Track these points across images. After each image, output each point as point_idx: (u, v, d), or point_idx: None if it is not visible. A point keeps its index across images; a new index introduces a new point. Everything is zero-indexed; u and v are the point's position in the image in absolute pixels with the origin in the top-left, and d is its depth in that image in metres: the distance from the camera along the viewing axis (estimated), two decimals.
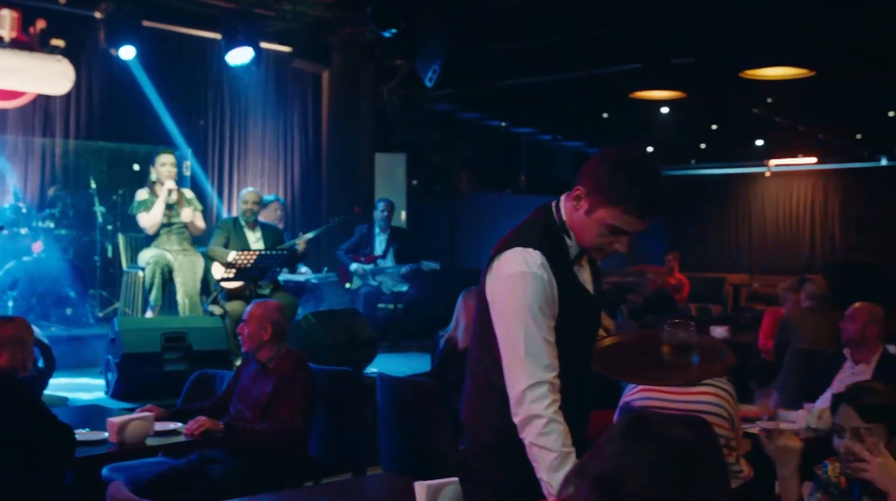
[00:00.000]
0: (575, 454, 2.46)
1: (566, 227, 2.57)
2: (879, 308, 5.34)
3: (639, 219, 2.47)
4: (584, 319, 2.65)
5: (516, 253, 2.54)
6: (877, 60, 8.60)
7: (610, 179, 2.45)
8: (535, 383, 2.46)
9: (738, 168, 17.39)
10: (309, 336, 6.77)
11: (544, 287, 2.50)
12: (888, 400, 2.55)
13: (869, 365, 5.12)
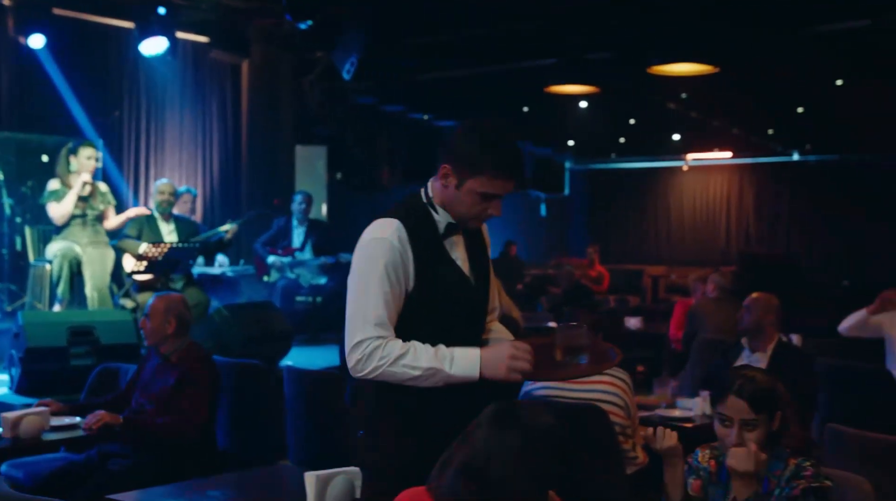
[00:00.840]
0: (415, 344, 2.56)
1: (433, 204, 2.69)
2: (775, 298, 5.52)
3: (505, 180, 2.61)
4: (455, 294, 2.71)
5: (375, 224, 2.67)
6: (782, 57, 8.87)
7: (471, 151, 2.59)
8: (370, 337, 2.54)
9: (656, 162, 17.71)
10: (221, 329, 6.73)
11: (395, 254, 2.59)
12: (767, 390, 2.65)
13: (765, 354, 5.29)
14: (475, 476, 1.88)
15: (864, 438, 3.53)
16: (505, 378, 2.53)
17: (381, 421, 2.69)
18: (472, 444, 1.94)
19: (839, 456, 3.59)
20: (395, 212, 2.69)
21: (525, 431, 1.93)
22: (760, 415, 2.62)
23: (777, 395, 2.67)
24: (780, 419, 2.64)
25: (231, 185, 11.18)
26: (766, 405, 2.63)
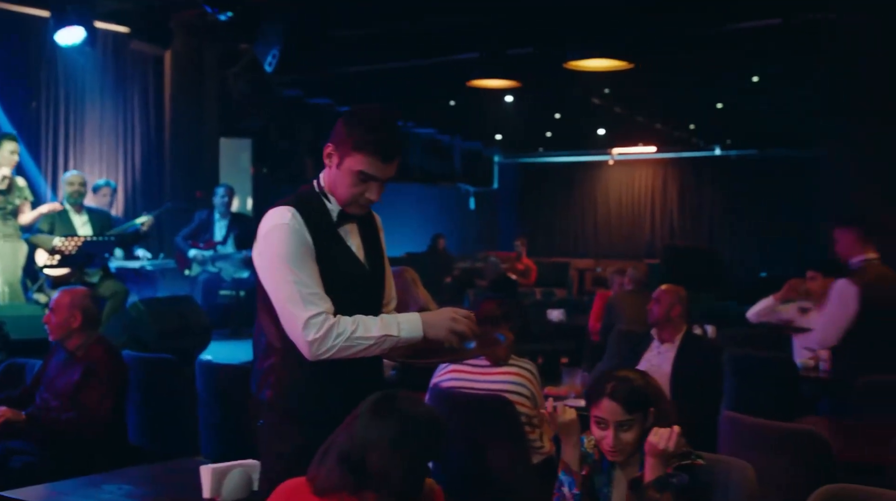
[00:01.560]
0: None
1: (325, 192, 2.75)
2: (683, 290, 5.64)
3: (381, 161, 2.67)
4: (350, 281, 2.76)
5: (270, 213, 2.72)
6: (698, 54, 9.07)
7: (350, 130, 2.67)
8: (321, 312, 2.58)
9: (583, 156, 17.92)
10: (137, 323, 6.67)
11: (299, 237, 2.65)
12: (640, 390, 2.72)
13: (673, 344, 5.41)
14: (353, 465, 1.91)
15: (757, 425, 3.65)
16: (445, 338, 2.62)
17: (280, 411, 2.72)
18: (351, 434, 1.97)
19: (735, 443, 3.72)
20: (289, 200, 2.75)
21: (402, 420, 1.97)
22: (635, 415, 2.69)
23: (650, 393, 2.74)
24: (653, 414, 2.71)
25: (153, 178, 11.03)
26: (639, 405, 2.70)
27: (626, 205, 17.91)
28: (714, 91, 11.63)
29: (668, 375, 5.29)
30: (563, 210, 18.75)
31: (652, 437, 2.61)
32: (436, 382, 4.25)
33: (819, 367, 6.10)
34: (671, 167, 17.40)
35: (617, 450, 2.69)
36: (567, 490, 2.77)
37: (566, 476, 2.78)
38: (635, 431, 2.68)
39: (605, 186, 18.21)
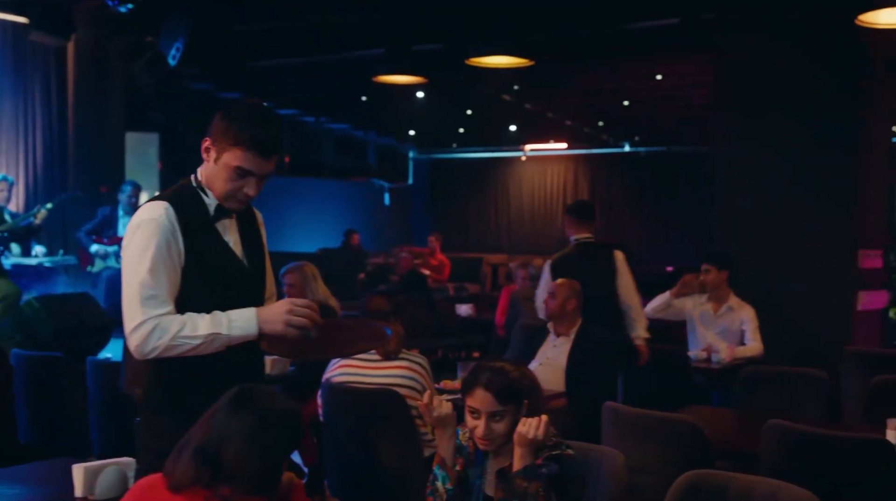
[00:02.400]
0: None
1: (202, 186, 2.74)
2: (578, 284, 5.74)
3: (260, 156, 2.67)
4: (228, 276, 2.77)
5: (144, 207, 2.71)
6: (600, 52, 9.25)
7: (229, 124, 2.66)
8: (148, 318, 2.57)
9: (496, 152, 18.07)
10: (31, 321, 6.51)
11: (165, 234, 2.63)
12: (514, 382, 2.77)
13: (569, 338, 5.52)
14: (209, 459, 1.92)
15: (635, 414, 3.75)
16: (283, 332, 2.60)
17: (152, 408, 2.72)
18: (207, 428, 1.98)
19: (616, 432, 3.82)
20: (165, 195, 2.75)
21: (260, 414, 1.98)
22: (507, 406, 2.72)
23: (524, 385, 2.79)
24: (527, 407, 2.76)
25: (56, 173, 10.75)
26: (512, 397, 2.74)
27: (538, 201, 18.12)
28: (620, 89, 11.85)
29: (563, 368, 5.42)
30: (476, 205, 18.88)
31: (520, 427, 2.66)
32: (327, 377, 4.27)
33: (711, 359, 6.29)
34: (582, 163, 17.67)
35: (488, 440, 2.73)
36: (440, 485, 2.81)
37: (440, 471, 2.82)
38: (507, 422, 2.72)
39: (517, 182, 18.39)
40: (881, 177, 7.41)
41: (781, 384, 4.83)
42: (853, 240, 6.86)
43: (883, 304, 7.45)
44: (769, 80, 7.08)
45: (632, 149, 16.75)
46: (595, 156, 17.37)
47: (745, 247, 7.13)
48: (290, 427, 2.03)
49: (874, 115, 7.17)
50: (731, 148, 7.32)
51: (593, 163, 17.57)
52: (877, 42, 6.54)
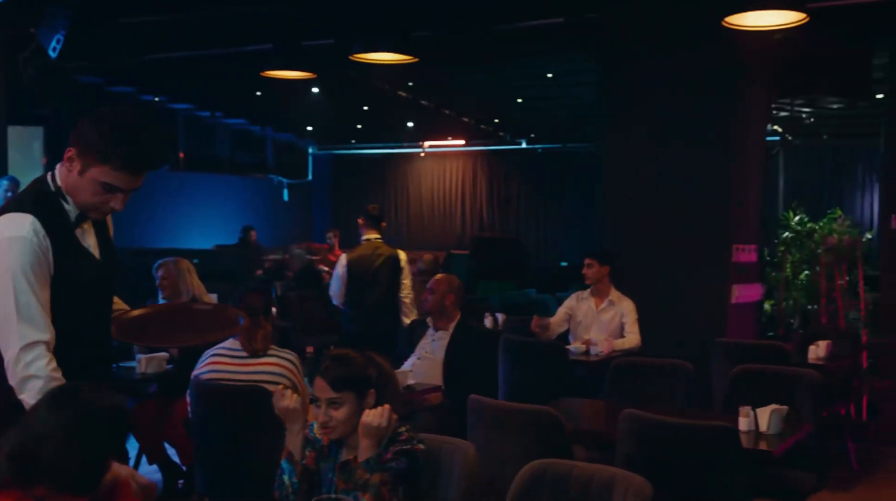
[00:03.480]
0: None
1: (62, 192, 2.66)
2: (457, 279, 5.82)
3: (129, 174, 2.61)
4: (91, 279, 2.74)
5: (7, 220, 2.60)
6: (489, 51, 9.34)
7: (99, 138, 2.56)
8: (29, 344, 2.51)
9: (395, 148, 18.09)
10: None
11: (35, 249, 2.56)
12: (356, 370, 2.81)
13: (447, 332, 5.59)
14: (26, 458, 1.89)
15: (497, 407, 3.83)
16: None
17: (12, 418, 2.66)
18: (27, 427, 1.95)
19: (481, 424, 3.89)
20: (24, 203, 2.65)
21: (80, 411, 1.96)
22: (343, 394, 2.76)
23: (370, 374, 2.82)
24: (373, 396, 2.79)
25: None
26: (350, 384, 2.77)
27: (437, 197, 18.21)
28: (513, 86, 11.99)
29: (442, 362, 5.48)
30: (377, 201, 18.83)
31: (364, 417, 2.70)
32: (196, 374, 4.23)
33: (590, 351, 6.44)
34: (481, 159, 17.82)
35: (328, 428, 2.76)
36: (287, 479, 2.82)
37: (287, 465, 2.84)
38: (346, 410, 2.75)
39: (417, 178, 18.45)
40: (756, 174, 7.67)
41: (649, 375, 4.97)
42: (727, 236, 7.09)
43: (758, 297, 7.72)
44: (649, 80, 7.28)
45: (529, 146, 16.96)
46: (493, 152, 17.53)
47: (627, 243, 7.32)
48: (112, 425, 2.01)
49: (749, 115, 7.42)
50: (615, 145, 7.50)
51: (491, 159, 17.73)
52: (749, 43, 6.77)
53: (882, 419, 7.71)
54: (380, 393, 2.81)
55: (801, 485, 4.28)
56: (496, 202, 17.69)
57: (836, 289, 7.86)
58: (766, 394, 4.57)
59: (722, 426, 3.40)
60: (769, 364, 5.19)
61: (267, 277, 13.52)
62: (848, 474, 6.59)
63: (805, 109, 8.58)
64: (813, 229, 7.97)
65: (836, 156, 14.79)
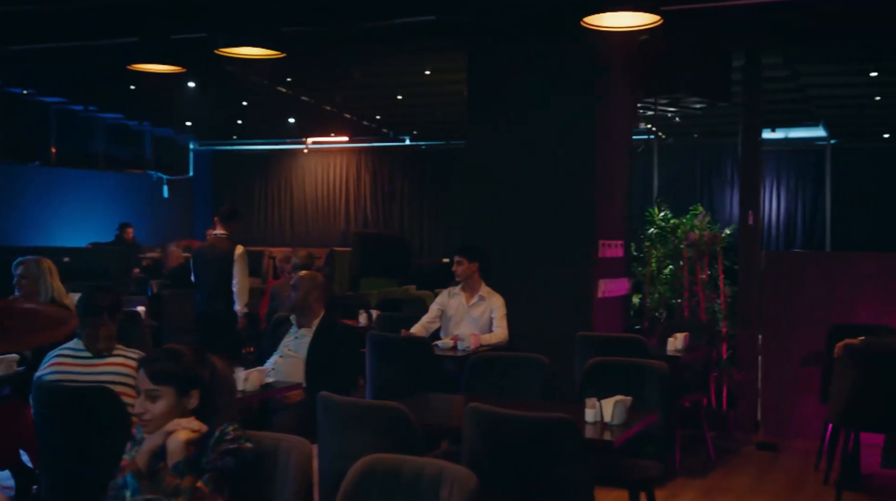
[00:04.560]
0: None
1: None
2: (321, 276, 5.81)
3: None
4: None
5: None
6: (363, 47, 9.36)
7: None
8: None
9: (277, 144, 17.90)
10: None
11: None
12: (182, 367, 2.79)
13: (311, 329, 5.57)
14: None
15: (346, 403, 3.84)
16: None
17: None
18: None
19: (331, 422, 3.89)
20: None
21: None
22: (162, 388, 2.76)
23: (192, 373, 2.81)
24: (197, 397, 2.79)
25: None
26: (170, 380, 2.77)
27: (321, 194, 18.08)
28: (392, 83, 11.99)
29: (304, 359, 5.46)
30: (260, 198, 18.64)
31: (169, 424, 2.72)
32: (38, 375, 4.11)
33: (457, 347, 6.50)
34: (364, 156, 17.77)
35: (143, 420, 2.76)
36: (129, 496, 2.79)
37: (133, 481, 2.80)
38: (163, 404, 2.76)
39: (300, 175, 18.28)
40: (621, 171, 7.87)
41: (507, 369, 5.05)
42: (592, 231, 7.25)
43: (624, 291, 7.92)
44: (513, 78, 7.39)
45: (412, 143, 17.01)
46: (377, 149, 17.52)
47: (495, 239, 7.41)
48: None
49: (613, 113, 7.61)
50: (482, 143, 7.58)
51: (375, 155, 17.71)
52: (612, 43, 6.94)
53: (740, 408, 8.03)
54: (207, 396, 2.80)
55: (646, 473, 4.42)
56: (380, 199, 17.68)
57: (697, 283, 8.13)
58: (619, 386, 4.71)
59: (561, 418, 3.48)
60: (629, 356, 5.33)
61: (146, 275, 13.23)
62: (705, 461, 6.84)
63: (670, 109, 8.84)
64: (676, 225, 8.23)
65: (706, 154, 15.31)
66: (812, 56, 9.20)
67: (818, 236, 15.03)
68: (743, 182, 8.15)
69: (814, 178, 15.24)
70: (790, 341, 7.70)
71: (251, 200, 18.62)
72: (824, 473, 6.34)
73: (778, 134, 14.30)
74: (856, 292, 7.57)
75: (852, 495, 5.90)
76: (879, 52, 9.02)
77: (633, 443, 4.67)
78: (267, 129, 16.54)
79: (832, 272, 7.69)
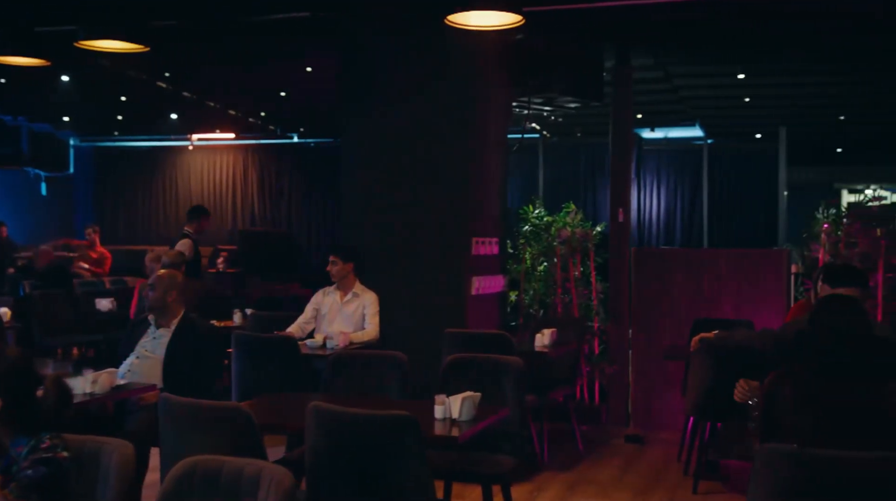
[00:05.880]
0: None
1: None
2: (180, 275, 5.70)
3: None
4: None
5: None
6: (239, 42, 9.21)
7: None
8: None
9: (162, 141, 17.50)
10: None
11: None
12: None
13: (169, 330, 5.45)
14: None
15: (187, 404, 3.76)
16: None
17: None
18: None
19: (172, 423, 3.81)
20: None
21: None
22: None
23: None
24: None
25: None
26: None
27: (208, 191, 17.74)
28: (274, 79, 11.82)
29: (162, 360, 5.35)
30: (144, 196, 18.18)
31: None
32: None
33: (326, 345, 6.47)
34: (252, 153, 17.51)
35: None
36: None
37: None
38: None
39: (186, 172, 17.89)
40: (497, 169, 7.94)
41: (366, 367, 5.04)
42: (466, 229, 7.30)
43: (500, 288, 7.99)
44: (389, 76, 7.38)
45: (301, 141, 16.85)
46: (265, 146, 17.28)
47: (370, 236, 7.40)
48: None
49: (489, 111, 7.67)
50: (357, 140, 7.55)
51: (263, 153, 17.47)
52: (488, 41, 6.99)
53: (612, 402, 8.20)
54: (15, 405, 2.72)
55: (499, 468, 4.46)
56: (268, 197, 17.46)
57: (570, 280, 8.27)
58: (477, 382, 4.76)
59: (400, 415, 3.48)
60: (496, 353, 5.36)
61: (21, 275, 12.81)
62: (573, 454, 6.96)
63: (546, 108, 8.96)
64: (550, 222, 8.34)
65: (589, 153, 15.59)
66: (681, 57, 9.45)
67: (696, 234, 15.47)
68: (613, 180, 8.32)
69: (692, 177, 15.67)
70: (658, 335, 7.90)
71: (136, 198, 18.16)
72: (685, 464, 6.53)
73: (657, 133, 14.66)
74: (720, 287, 7.81)
75: (709, 484, 6.08)
76: (746, 54, 9.33)
77: (490, 439, 4.73)
78: (149, 125, 16.13)
79: (697, 268, 7.92)
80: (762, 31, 8.15)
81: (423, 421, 4.02)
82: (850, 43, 8.57)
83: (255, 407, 4.06)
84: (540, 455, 6.65)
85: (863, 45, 8.67)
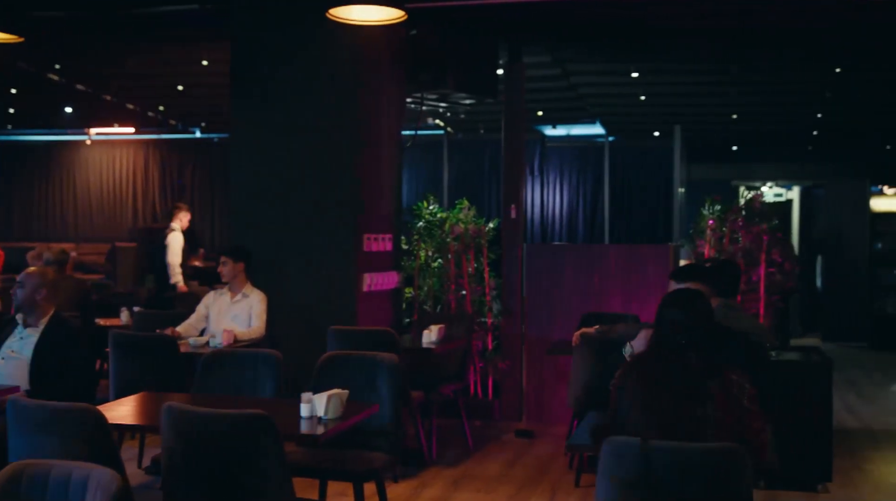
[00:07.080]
0: None
1: None
2: (52, 272, 5.53)
3: None
4: None
5: None
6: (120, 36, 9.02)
7: None
8: None
9: (57, 135, 17.01)
10: None
11: None
12: None
13: (37, 329, 5.27)
14: None
15: (35, 406, 3.64)
16: None
17: None
18: None
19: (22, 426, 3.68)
20: None
21: None
22: None
23: None
24: None
25: None
26: None
27: (107, 187, 17.29)
28: (170, 73, 11.57)
29: (29, 361, 5.17)
30: (40, 191, 17.63)
31: None
32: None
33: (210, 344, 6.37)
34: (153, 148, 17.13)
35: None
36: None
37: None
38: None
39: (84, 167, 17.41)
40: (390, 165, 7.89)
41: (241, 365, 4.96)
42: (357, 226, 7.24)
43: (393, 285, 7.96)
44: (280, 71, 7.28)
45: (204, 136, 16.56)
46: (166, 141, 16.92)
47: (261, 233, 7.29)
48: None
49: (380, 106, 7.61)
50: (246, 136, 7.43)
51: (165, 148, 17.10)
52: (379, 36, 6.94)
53: (505, 397, 8.25)
54: None
55: (370, 465, 4.43)
56: (169, 193, 17.10)
57: (464, 276, 8.28)
58: (352, 379, 4.72)
59: (254, 413, 3.42)
60: (380, 350, 5.32)
61: None
62: (462, 450, 6.98)
63: (441, 104, 8.96)
64: (444, 219, 8.34)
65: (493, 149, 15.67)
66: (577, 55, 9.55)
67: (598, 230, 15.69)
68: (506, 176, 8.36)
69: (595, 174, 15.89)
70: (550, 330, 7.98)
71: (31, 193, 17.61)
72: (570, 458, 6.60)
73: (560, 131, 14.81)
74: (609, 282, 7.93)
75: (591, 477, 6.15)
76: (638, 53, 9.48)
77: (364, 436, 4.70)
78: (43, 119, 15.65)
79: (588, 263, 8.02)
80: (651, 30, 8.29)
81: (290, 420, 3.98)
82: (734, 44, 8.78)
83: (114, 408, 3.96)
84: (427, 452, 6.64)
85: (745, 46, 8.89)
